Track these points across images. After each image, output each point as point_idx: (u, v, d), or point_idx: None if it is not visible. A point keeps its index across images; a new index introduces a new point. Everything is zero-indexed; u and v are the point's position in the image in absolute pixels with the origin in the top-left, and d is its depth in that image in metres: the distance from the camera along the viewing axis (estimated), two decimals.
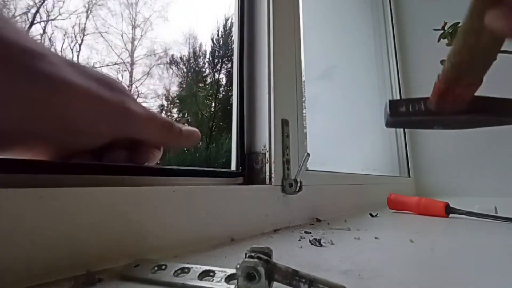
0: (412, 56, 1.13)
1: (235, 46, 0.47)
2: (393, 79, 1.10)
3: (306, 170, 0.49)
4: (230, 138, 0.46)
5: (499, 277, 0.22)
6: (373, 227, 0.42)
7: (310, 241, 0.32)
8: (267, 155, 0.42)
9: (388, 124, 0.32)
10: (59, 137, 0.19)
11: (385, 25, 1.15)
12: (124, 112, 0.21)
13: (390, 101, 0.31)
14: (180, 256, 0.25)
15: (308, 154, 0.42)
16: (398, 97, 1.08)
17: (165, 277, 0.19)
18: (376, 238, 0.35)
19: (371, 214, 0.56)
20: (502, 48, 0.23)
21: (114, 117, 0.21)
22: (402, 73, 1.13)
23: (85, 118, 0.19)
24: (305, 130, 0.57)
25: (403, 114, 0.30)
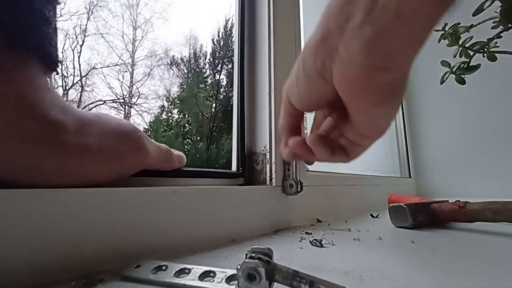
0: None
1: (236, 46, 0.48)
2: None
3: (306, 170, 0.49)
4: (231, 139, 0.46)
5: (498, 277, 0.22)
6: (374, 228, 0.42)
7: (310, 241, 0.32)
8: (267, 156, 0.42)
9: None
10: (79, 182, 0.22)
11: None
12: (141, 157, 0.26)
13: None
14: (181, 257, 0.25)
15: None
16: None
17: (165, 277, 0.19)
18: (379, 238, 0.35)
19: (372, 215, 0.56)
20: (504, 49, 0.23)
21: (130, 162, 0.25)
22: None
23: (100, 169, 0.22)
24: (306, 131, 0.57)
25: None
